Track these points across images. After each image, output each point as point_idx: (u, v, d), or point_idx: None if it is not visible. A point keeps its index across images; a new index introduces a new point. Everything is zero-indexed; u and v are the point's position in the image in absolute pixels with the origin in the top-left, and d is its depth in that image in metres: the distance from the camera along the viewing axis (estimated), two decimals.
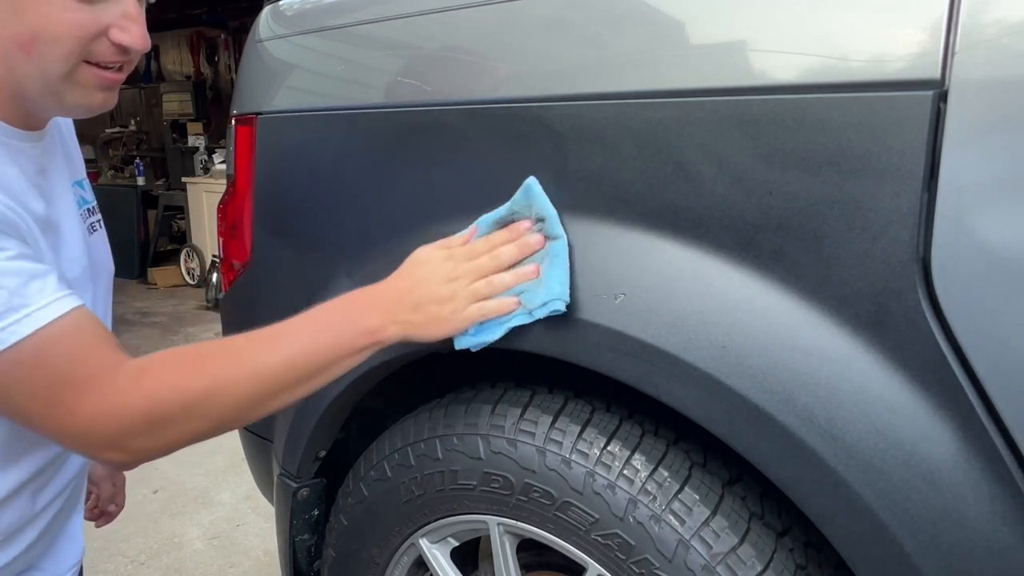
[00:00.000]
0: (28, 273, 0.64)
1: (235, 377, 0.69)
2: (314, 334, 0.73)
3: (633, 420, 0.84)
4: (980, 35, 0.58)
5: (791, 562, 0.77)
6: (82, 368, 0.65)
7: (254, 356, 0.71)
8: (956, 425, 0.61)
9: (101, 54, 0.71)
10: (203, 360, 0.70)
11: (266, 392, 0.70)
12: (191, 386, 0.67)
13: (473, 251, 0.79)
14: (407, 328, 0.76)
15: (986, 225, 0.58)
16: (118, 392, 0.65)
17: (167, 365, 0.69)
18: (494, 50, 0.89)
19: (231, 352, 0.72)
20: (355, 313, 0.76)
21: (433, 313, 0.76)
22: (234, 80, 1.01)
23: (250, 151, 1.14)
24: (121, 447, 0.67)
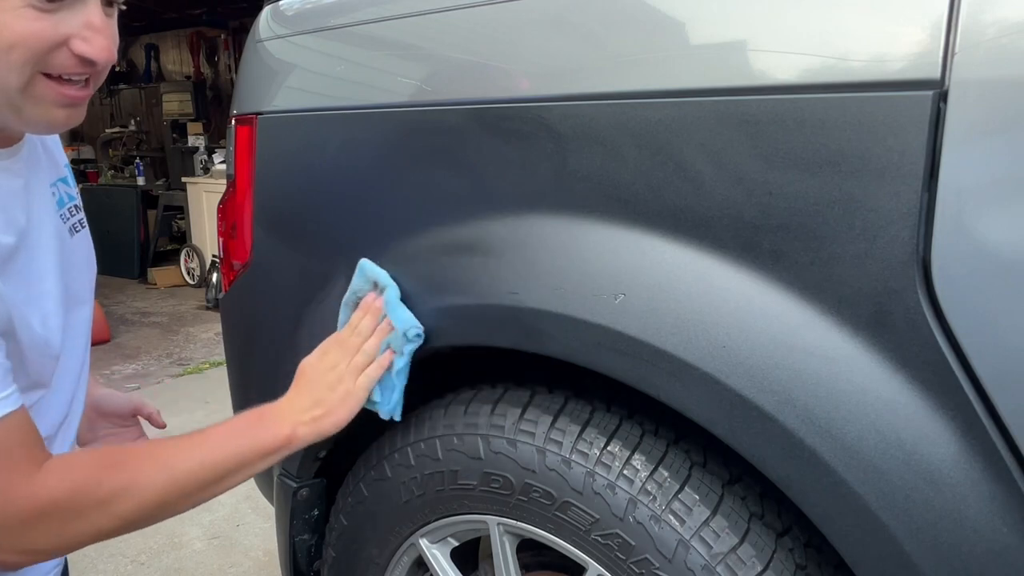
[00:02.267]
0: None
1: (151, 474, 0.74)
2: (229, 439, 0.80)
3: (633, 420, 0.84)
4: (980, 35, 0.58)
5: (791, 562, 0.77)
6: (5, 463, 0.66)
7: (171, 457, 0.76)
8: (956, 425, 0.61)
9: (62, 66, 0.66)
10: (121, 458, 0.74)
11: (182, 490, 0.75)
12: (110, 480, 0.71)
13: (340, 339, 0.92)
14: (316, 424, 0.85)
15: (986, 225, 0.58)
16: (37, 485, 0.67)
17: (87, 460, 0.73)
18: (494, 50, 0.89)
19: (149, 453, 0.77)
20: (266, 422, 0.84)
21: (332, 401, 0.87)
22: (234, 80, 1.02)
23: (250, 151, 1.14)
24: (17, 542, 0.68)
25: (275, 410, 0.86)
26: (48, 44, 0.65)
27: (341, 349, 0.91)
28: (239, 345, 1.28)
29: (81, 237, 0.87)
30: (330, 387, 0.88)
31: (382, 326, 0.91)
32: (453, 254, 0.90)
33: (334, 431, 0.87)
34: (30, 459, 0.68)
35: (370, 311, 0.92)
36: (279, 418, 0.85)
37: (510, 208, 0.86)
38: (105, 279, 6.25)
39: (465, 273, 0.88)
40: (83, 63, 0.67)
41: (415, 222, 0.95)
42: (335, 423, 0.87)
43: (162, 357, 4.29)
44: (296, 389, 0.89)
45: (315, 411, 0.86)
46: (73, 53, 0.66)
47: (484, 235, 0.87)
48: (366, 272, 0.95)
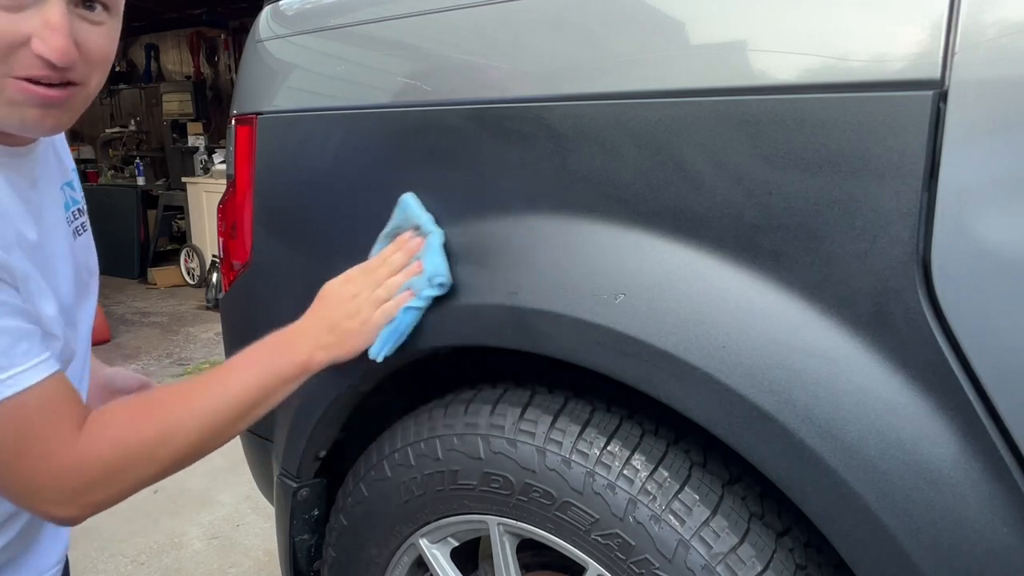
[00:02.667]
0: (17, 333, 0.66)
1: (184, 419, 0.75)
2: (250, 371, 0.81)
3: (633, 420, 0.84)
4: (980, 35, 0.58)
5: (791, 562, 0.77)
6: (53, 429, 0.69)
7: (198, 398, 0.78)
8: (956, 425, 0.61)
9: (27, 67, 0.65)
10: (153, 408, 0.76)
11: (214, 428, 0.77)
12: (147, 431, 0.73)
13: (368, 267, 0.91)
14: (330, 350, 0.86)
15: (986, 225, 0.58)
16: (82, 447, 0.70)
17: (122, 415, 0.74)
18: (494, 50, 0.89)
19: (177, 397, 0.78)
20: (283, 349, 0.85)
21: (347, 328, 0.87)
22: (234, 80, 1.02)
23: (250, 151, 1.14)
24: (78, 500, 0.71)
25: (292, 335, 0.87)
26: (7, 44, 0.64)
27: (365, 278, 0.90)
28: (239, 345, 1.27)
29: (84, 239, 0.88)
30: (348, 315, 0.87)
31: (412, 266, 0.89)
32: (453, 253, 0.90)
33: (348, 358, 0.87)
34: (72, 420, 0.70)
35: (404, 248, 0.90)
36: (296, 343, 0.85)
37: (510, 208, 0.86)
38: (105, 279, 6.20)
39: (465, 273, 0.88)
40: (46, 64, 0.65)
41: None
42: (349, 351, 0.87)
43: (162, 357, 4.29)
44: (314, 311, 0.89)
45: (330, 337, 0.86)
46: (35, 56, 0.65)
47: (484, 235, 0.87)
48: (409, 210, 0.92)
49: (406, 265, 0.90)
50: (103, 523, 2.47)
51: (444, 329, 0.90)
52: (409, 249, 0.90)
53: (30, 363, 0.67)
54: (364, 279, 0.90)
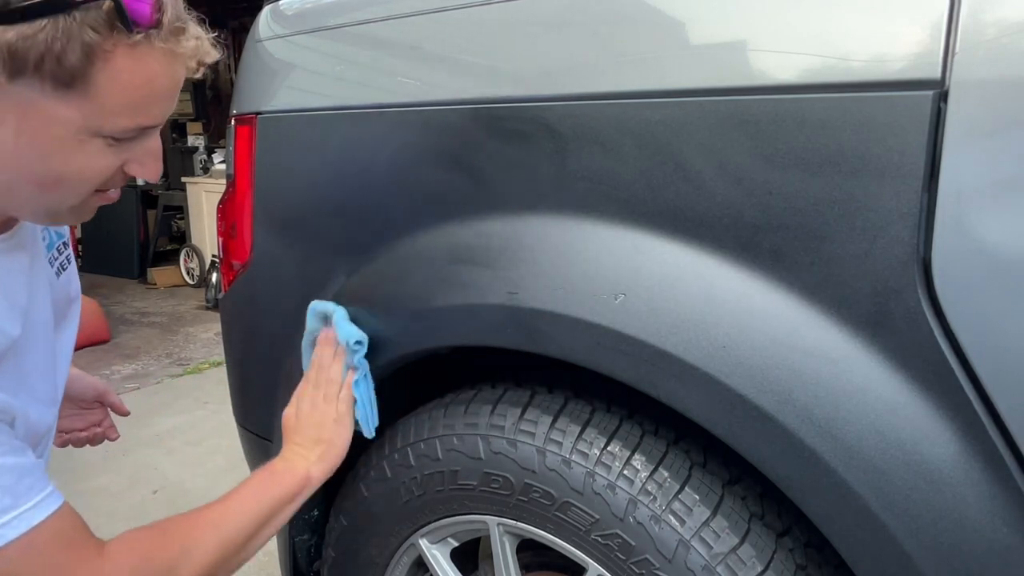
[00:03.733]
0: (18, 470, 0.67)
1: (201, 540, 0.77)
2: (258, 495, 0.85)
3: (633, 420, 0.84)
4: (980, 35, 0.58)
5: (791, 562, 0.77)
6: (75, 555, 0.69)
7: (216, 519, 0.80)
8: (956, 425, 0.61)
9: (112, 183, 0.70)
10: (170, 533, 0.77)
11: (230, 548, 0.79)
12: (169, 552, 0.75)
13: (308, 380, 0.97)
14: (324, 460, 0.91)
15: (986, 225, 0.58)
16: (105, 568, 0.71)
17: (142, 538, 0.76)
18: (494, 50, 0.89)
19: (193, 522, 0.79)
20: (282, 475, 0.88)
21: (327, 436, 0.92)
22: (234, 80, 1.02)
23: (250, 151, 1.13)
24: None
25: (283, 462, 0.90)
26: (113, 172, 0.68)
27: (313, 387, 0.95)
28: (239, 345, 1.28)
29: (68, 273, 0.89)
30: (319, 425, 0.92)
31: (339, 350, 0.95)
32: (453, 254, 0.90)
33: (341, 460, 0.92)
34: (89, 546, 0.71)
35: (327, 342, 0.96)
36: (291, 466, 0.89)
37: (510, 208, 0.86)
38: (105, 279, 6.25)
39: (465, 273, 0.88)
40: (128, 179, 0.71)
41: (415, 221, 0.95)
42: (340, 452, 0.92)
43: (162, 357, 4.28)
44: (289, 441, 0.93)
45: (318, 449, 0.91)
46: (125, 174, 0.70)
47: (484, 235, 0.87)
48: (316, 310, 0.99)
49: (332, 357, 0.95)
50: (103, 523, 2.46)
51: (444, 329, 0.90)
52: (329, 338, 0.96)
53: (35, 499, 0.67)
54: (313, 390, 0.95)
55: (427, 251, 0.93)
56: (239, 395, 1.30)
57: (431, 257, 0.92)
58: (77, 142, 0.63)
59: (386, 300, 0.96)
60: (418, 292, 0.92)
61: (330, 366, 0.95)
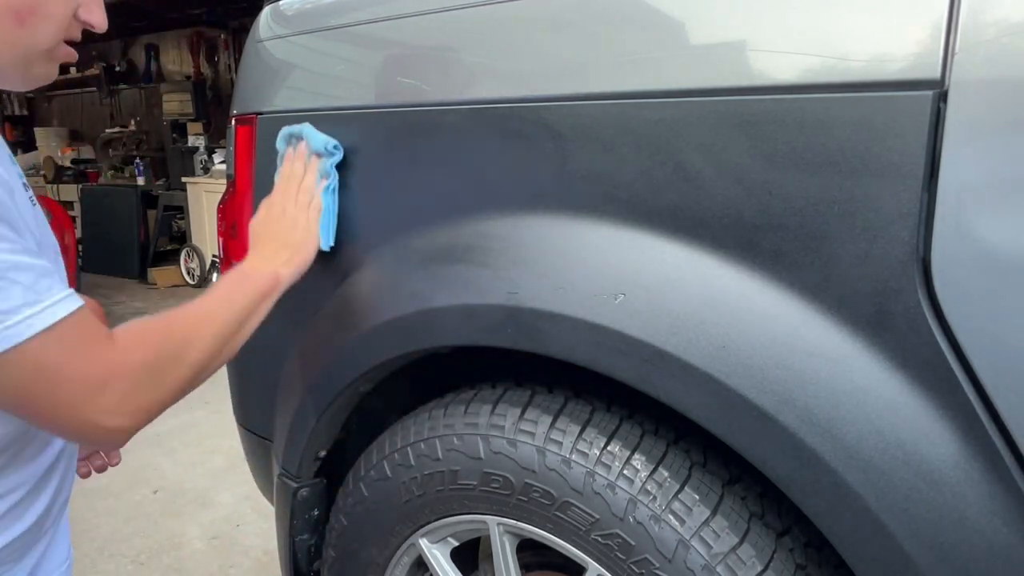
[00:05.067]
0: (39, 269, 0.67)
1: (198, 328, 0.80)
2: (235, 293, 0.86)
3: (633, 420, 0.84)
4: (980, 35, 0.58)
5: (791, 562, 0.77)
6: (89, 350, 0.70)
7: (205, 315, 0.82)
8: (956, 425, 0.61)
9: (72, 32, 0.73)
10: (171, 322, 0.80)
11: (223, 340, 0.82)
12: (174, 337, 0.77)
13: (279, 189, 0.98)
14: (291, 264, 0.91)
15: (986, 225, 0.58)
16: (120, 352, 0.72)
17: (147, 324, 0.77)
18: (494, 50, 0.89)
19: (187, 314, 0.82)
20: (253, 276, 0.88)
21: (296, 240, 0.93)
22: (234, 80, 1.02)
23: (250, 151, 1.13)
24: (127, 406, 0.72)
25: (251, 266, 0.90)
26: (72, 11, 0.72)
27: (283, 196, 0.96)
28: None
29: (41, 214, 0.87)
30: (288, 230, 0.93)
31: (311, 163, 0.97)
32: (453, 253, 0.90)
33: (308, 265, 0.93)
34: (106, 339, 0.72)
35: (296, 157, 0.99)
36: (260, 268, 0.89)
37: (510, 208, 0.86)
38: (105, 279, 6.25)
39: (465, 273, 0.88)
40: (82, 30, 0.74)
41: (415, 221, 0.95)
42: (306, 256, 0.92)
43: None
44: (256, 247, 0.93)
45: (285, 253, 0.91)
46: (79, 20, 0.73)
47: (484, 235, 0.87)
48: (285, 134, 1.01)
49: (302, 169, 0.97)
50: (103, 523, 2.47)
51: (444, 329, 0.90)
52: (300, 153, 0.99)
53: (57, 296, 0.67)
54: (282, 197, 0.96)
55: (427, 251, 0.93)
56: (239, 395, 1.30)
57: (431, 257, 0.92)
58: None
59: (386, 300, 0.96)
60: (418, 292, 0.92)
61: (303, 176, 0.97)
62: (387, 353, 0.95)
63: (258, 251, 0.93)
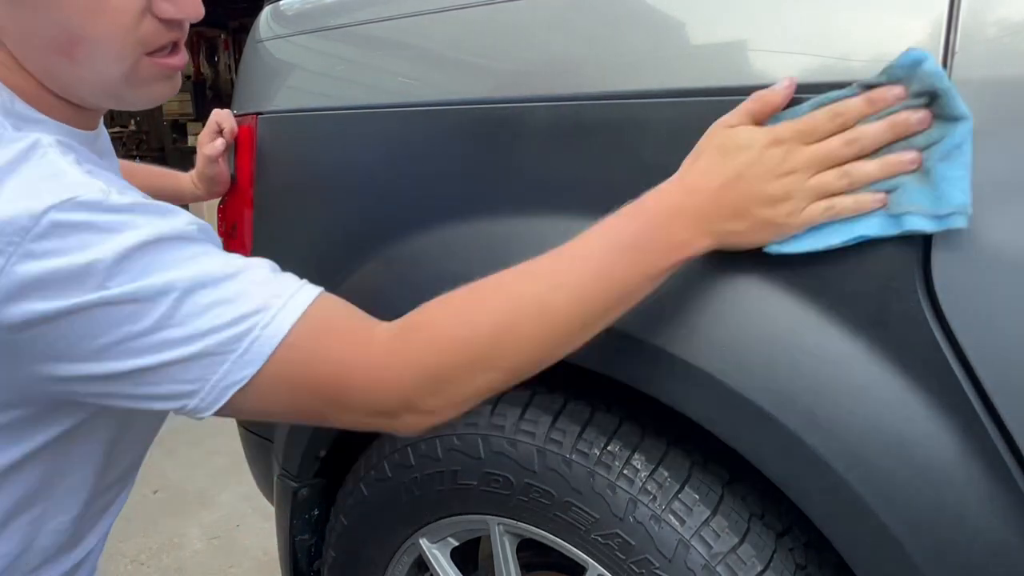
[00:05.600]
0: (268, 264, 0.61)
1: (518, 319, 0.59)
2: (606, 259, 0.61)
3: (633, 420, 0.84)
4: (980, 35, 0.58)
5: (791, 562, 0.77)
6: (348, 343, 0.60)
7: (536, 292, 0.60)
8: (956, 425, 0.61)
9: (152, 38, 0.60)
10: (475, 304, 0.61)
11: (560, 331, 0.61)
12: (468, 337, 0.59)
13: (813, 128, 0.59)
14: (726, 238, 0.62)
15: (986, 225, 0.58)
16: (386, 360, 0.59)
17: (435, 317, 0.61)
18: (494, 50, 0.89)
19: (508, 289, 0.61)
20: (657, 228, 0.61)
21: (763, 217, 0.60)
22: (234, 80, 1.01)
23: (250, 151, 1.14)
24: (415, 409, 0.60)
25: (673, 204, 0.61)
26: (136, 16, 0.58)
27: (809, 151, 0.59)
28: None
29: None
30: (769, 201, 0.59)
31: (899, 159, 0.57)
32: (453, 253, 0.90)
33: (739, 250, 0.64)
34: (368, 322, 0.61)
35: (893, 120, 0.57)
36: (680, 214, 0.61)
37: (510, 208, 0.86)
38: None
39: (465, 273, 0.88)
40: (171, 26, 0.61)
41: (415, 221, 0.95)
42: (749, 245, 0.63)
43: None
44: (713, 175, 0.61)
45: (735, 225, 0.61)
46: (159, 19, 0.59)
47: (484, 235, 0.87)
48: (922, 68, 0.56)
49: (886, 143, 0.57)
50: None
51: None
52: (901, 122, 0.56)
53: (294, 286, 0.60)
54: (805, 150, 0.59)
55: (427, 251, 0.93)
56: None
57: (431, 257, 0.92)
58: None
59: (386, 300, 0.96)
60: (418, 292, 0.92)
61: (865, 147, 0.58)
62: None
63: (709, 185, 0.61)
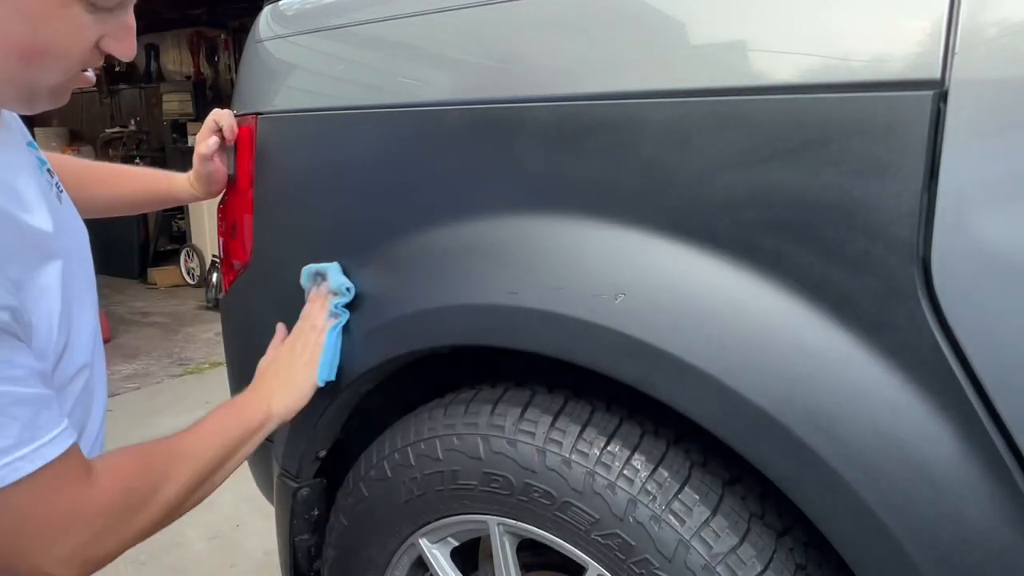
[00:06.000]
0: (38, 402, 0.64)
1: (177, 470, 0.78)
2: (223, 427, 0.86)
3: (633, 420, 0.84)
4: (980, 35, 0.58)
5: (791, 562, 0.77)
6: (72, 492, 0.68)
7: (188, 449, 0.81)
8: (956, 425, 0.61)
9: (91, 62, 0.69)
10: (149, 460, 0.78)
11: (203, 476, 0.80)
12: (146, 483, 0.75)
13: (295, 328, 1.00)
14: (285, 395, 0.93)
15: (986, 225, 0.58)
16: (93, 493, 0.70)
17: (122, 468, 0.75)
18: (494, 50, 0.89)
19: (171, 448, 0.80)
20: (244, 410, 0.90)
21: (294, 377, 0.94)
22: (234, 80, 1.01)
23: (250, 151, 1.13)
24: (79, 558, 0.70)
25: (244, 399, 0.92)
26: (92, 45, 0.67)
27: (295, 335, 0.98)
28: (239, 345, 1.28)
29: (66, 202, 0.83)
30: (289, 366, 0.95)
31: (323, 300, 0.98)
32: (452, 254, 0.90)
33: (303, 402, 0.94)
34: (86, 477, 0.70)
35: (317, 297, 0.99)
36: (251, 403, 0.91)
37: (510, 208, 0.86)
38: (105, 279, 6.24)
39: (465, 273, 0.88)
40: (104, 59, 0.70)
41: (414, 221, 0.95)
42: (303, 394, 0.94)
43: (162, 357, 4.29)
44: (255, 383, 0.95)
45: (281, 390, 0.93)
46: (100, 51, 0.68)
47: (484, 235, 0.87)
48: (309, 271, 1.01)
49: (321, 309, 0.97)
50: None
51: (444, 329, 0.90)
52: (319, 295, 0.99)
53: (51, 434, 0.65)
54: (294, 338, 0.98)
55: (427, 251, 0.93)
56: None
57: (431, 257, 0.92)
58: (60, 5, 0.62)
59: (386, 299, 0.96)
60: (418, 292, 0.92)
61: (317, 315, 0.98)
62: (387, 353, 0.95)
63: (255, 386, 0.94)
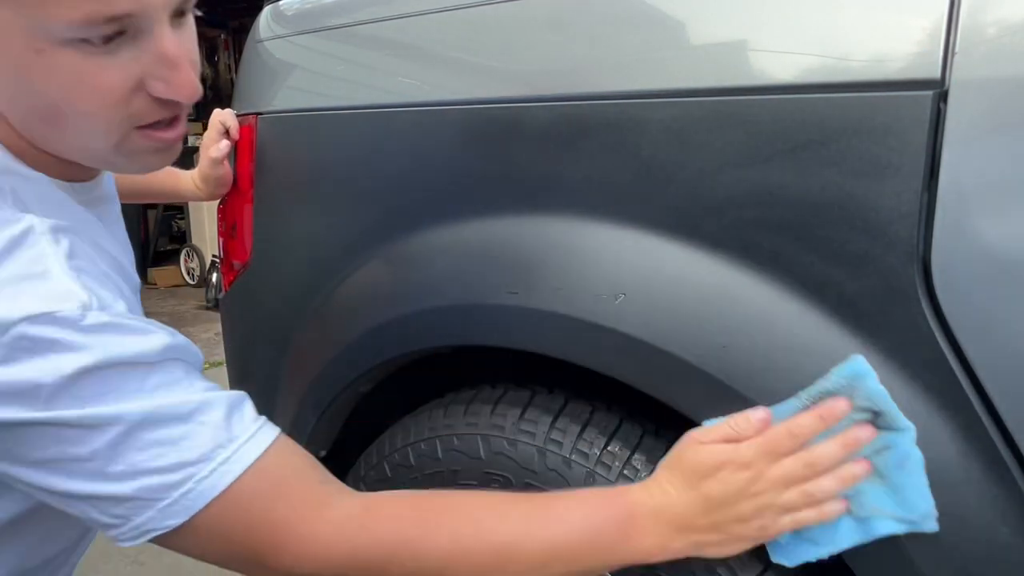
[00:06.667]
0: (227, 402, 0.57)
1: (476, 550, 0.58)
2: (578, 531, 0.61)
3: (633, 420, 0.84)
4: (980, 35, 0.58)
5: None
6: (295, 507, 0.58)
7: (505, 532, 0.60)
8: (956, 425, 0.61)
9: (144, 114, 0.57)
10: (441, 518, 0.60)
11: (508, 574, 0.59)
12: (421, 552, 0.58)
13: (774, 448, 0.61)
14: (701, 548, 0.63)
15: (986, 225, 0.58)
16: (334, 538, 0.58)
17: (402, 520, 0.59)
18: (494, 50, 0.89)
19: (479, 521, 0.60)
20: (633, 526, 0.62)
21: (735, 533, 0.63)
22: (234, 80, 1.02)
23: (250, 151, 1.14)
24: None
25: (653, 510, 0.63)
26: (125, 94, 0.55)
27: (773, 475, 0.61)
28: (239, 345, 1.28)
29: None
30: (741, 517, 0.62)
31: (851, 472, 0.61)
32: (453, 253, 0.90)
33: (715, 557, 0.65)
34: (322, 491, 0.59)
35: (844, 440, 0.61)
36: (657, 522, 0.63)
37: (510, 208, 0.86)
38: None
39: (465, 273, 0.88)
40: (166, 105, 0.58)
41: (414, 222, 0.95)
42: (723, 555, 0.64)
43: None
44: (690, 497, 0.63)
45: (708, 536, 0.63)
46: (152, 96, 0.57)
47: (484, 234, 0.87)
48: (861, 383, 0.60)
49: (840, 461, 0.61)
50: None
51: (444, 329, 0.90)
52: (852, 440, 0.61)
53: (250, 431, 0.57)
54: (770, 474, 0.61)
55: (427, 251, 0.93)
56: None
57: (431, 257, 0.92)
58: (37, 54, 0.51)
59: (386, 300, 0.96)
60: (418, 292, 0.92)
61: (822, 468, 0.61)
62: (387, 353, 0.95)
63: (686, 500, 0.63)
